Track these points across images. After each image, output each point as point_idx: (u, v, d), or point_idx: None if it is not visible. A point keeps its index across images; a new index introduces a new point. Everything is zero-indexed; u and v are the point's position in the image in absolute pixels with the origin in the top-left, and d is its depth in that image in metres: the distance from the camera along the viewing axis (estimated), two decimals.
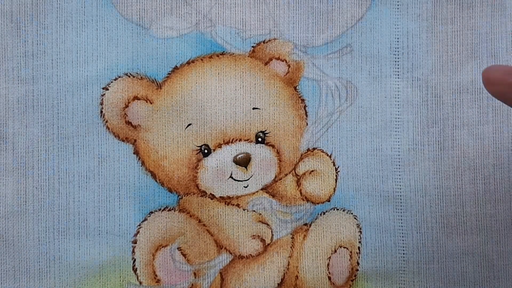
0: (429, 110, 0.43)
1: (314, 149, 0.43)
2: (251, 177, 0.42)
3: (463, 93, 0.43)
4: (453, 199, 0.43)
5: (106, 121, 0.42)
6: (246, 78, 0.42)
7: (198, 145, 0.42)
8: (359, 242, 0.43)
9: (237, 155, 0.42)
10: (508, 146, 0.42)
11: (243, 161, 0.42)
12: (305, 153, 0.43)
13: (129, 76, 0.42)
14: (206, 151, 0.42)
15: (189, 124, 0.42)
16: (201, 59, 0.42)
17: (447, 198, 0.43)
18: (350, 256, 0.43)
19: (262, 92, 0.42)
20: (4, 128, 0.41)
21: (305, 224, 0.43)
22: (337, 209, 0.43)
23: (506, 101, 0.33)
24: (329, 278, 0.43)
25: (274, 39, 0.43)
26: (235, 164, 0.42)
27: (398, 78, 0.43)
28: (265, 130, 0.42)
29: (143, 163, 0.42)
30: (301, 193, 0.43)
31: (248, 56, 0.43)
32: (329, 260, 0.43)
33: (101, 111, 0.42)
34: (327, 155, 0.43)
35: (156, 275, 0.42)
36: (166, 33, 0.42)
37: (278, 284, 0.43)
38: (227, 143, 0.42)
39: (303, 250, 0.43)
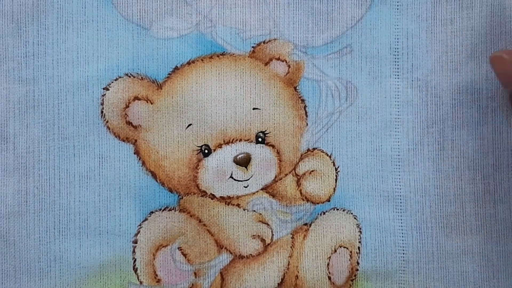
0: (429, 110, 0.43)
1: (314, 149, 0.43)
2: (251, 177, 0.42)
3: (463, 93, 0.43)
4: (452, 199, 0.43)
5: (107, 121, 0.42)
6: (246, 78, 0.42)
7: (198, 145, 0.42)
8: (359, 242, 0.43)
9: (237, 155, 0.42)
10: (508, 146, 0.42)
11: (243, 161, 0.42)
12: (305, 153, 0.43)
13: (129, 77, 0.42)
14: (206, 151, 0.42)
15: (190, 124, 0.42)
16: (202, 60, 0.42)
17: (447, 198, 0.43)
18: (350, 256, 0.43)
19: (262, 92, 0.43)
20: (5, 128, 0.41)
21: (305, 224, 0.43)
22: (337, 209, 0.43)
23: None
24: (329, 278, 0.43)
25: (274, 39, 0.43)
26: (235, 164, 0.42)
27: (398, 78, 0.43)
28: (265, 130, 0.43)
29: (143, 163, 0.42)
30: (301, 193, 0.43)
31: (248, 57, 0.43)
32: (329, 260, 0.43)
33: (102, 111, 0.42)
34: (327, 155, 0.43)
35: (156, 275, 0.42)
36: (167, 33, 0.42)
37: (278, 283, 0.43)
38: (228, 143, 0.42)
39: (303, 250, 0.43)
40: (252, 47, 0.43)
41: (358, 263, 0.43)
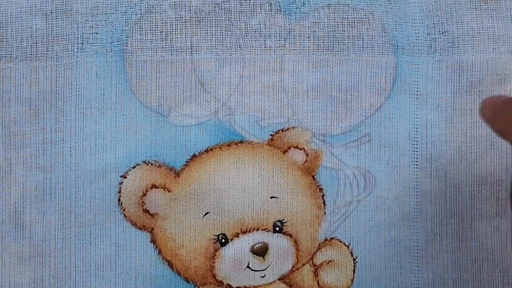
0: (448, 201, 0.43)
1: (331, 239, 0.43)
2: (268, 267, 0.42)
3: (482, 185, 0.42)
4: None
5: (124, 209, 0.42)
6: (264, 166, 0.42)
7: (215, 234, 0.42)
8: None
9: (254, 245, 0.42)
10: None
11: (261, 251, 0.42)
12: (322, 242, 0.43)
13: (147, 164, 0.42)
14: (223, 240, 0.42)
15: (207, 213, 0.42)
16: (220, 147, 0.42)
17: None
18: None
19: (280, 180, 0.42)
20: (21, 215, 0.41)
21: None
22: None
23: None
24: None
25: (293, 127, 0.43)
26: (253, 253, 0.42)
27: (417, 168, 0.43)
28: (283, 219, 0.42)
29: (160, 252, 0.42)
30: (318, 283, 0.43)
31: (267, 145, 0.43)
32: None
33: (119, 199, 0.42)
34: (345, 245, 0.43)
35: None
36: (185, 120, 0.42)
37: None
38: (245, 232, 0.42)
39: None
40: (271, 135, 0.43)
41: None
